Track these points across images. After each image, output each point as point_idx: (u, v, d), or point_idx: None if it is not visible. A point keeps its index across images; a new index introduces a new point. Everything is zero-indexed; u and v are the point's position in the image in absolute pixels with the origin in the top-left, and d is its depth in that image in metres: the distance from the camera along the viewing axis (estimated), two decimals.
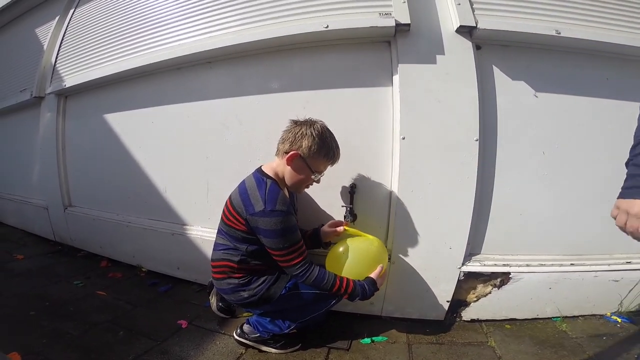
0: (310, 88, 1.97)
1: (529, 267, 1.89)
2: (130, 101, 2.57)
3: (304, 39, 1.90)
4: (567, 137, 1.86)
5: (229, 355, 1.69)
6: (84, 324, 1.90)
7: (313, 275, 1.51)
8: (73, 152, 3.04)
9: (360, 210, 1.89)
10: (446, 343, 1.80)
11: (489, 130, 1.83)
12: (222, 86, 2.17)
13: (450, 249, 1.85)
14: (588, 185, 1.88)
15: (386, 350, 1.74)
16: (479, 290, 1.94)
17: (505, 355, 1.67)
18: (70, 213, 3.09)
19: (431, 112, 1.77)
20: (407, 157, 1.80)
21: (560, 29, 1.67)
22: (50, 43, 3.17)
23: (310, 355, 1.71)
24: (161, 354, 1.66)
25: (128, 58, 2.49)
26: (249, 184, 1.56)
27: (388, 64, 1.85)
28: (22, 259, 2.95)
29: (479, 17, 1.71)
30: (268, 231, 1.46)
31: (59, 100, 3.03)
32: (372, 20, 1.76)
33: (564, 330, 1.87)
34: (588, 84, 1.80)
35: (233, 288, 1.62)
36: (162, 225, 2.51)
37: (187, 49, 2.14)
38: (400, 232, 1.87)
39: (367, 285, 1.58)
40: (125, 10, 2.60)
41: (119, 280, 2.55)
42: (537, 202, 1.91)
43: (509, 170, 1.88)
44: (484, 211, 1.91)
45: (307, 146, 1.51)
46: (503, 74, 1.82)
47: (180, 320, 1.95)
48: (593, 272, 1.88)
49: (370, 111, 1.88)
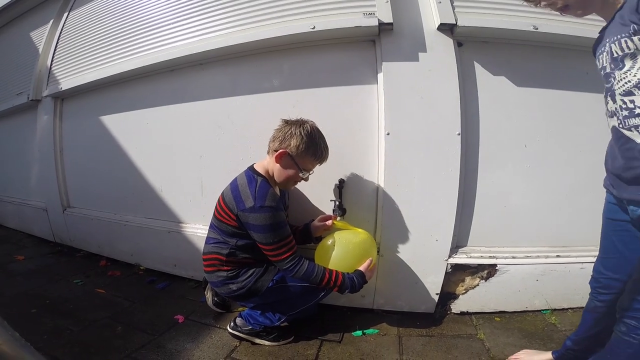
0: (299, 87, 2.01)
1: (514, 258, 1.92)
2: (125, 103, 2.62)
3: (292, 40, 1.95)
4: (549, 131, 1.89)
5: (224, 348, 1.73)
6: (83, 321, 1.94)
7: (303, 268, 1.56)
8: (71, 154, 3.09)
9: (349, 205, 1.93)
10: (436, 335, 1.83)
11: (471, 125, 1.87)
12: (214, 87, 2.21)
13: (436, 241, 1.89)
14: (570, 177, 1.91)
15: (377, 342, 1.78)
16: (467, 282, 1.98)
17: (494, 347, 1.70)
18: (69, 214, 3.13)
19: (414, 108, 1.81)
20: (392, 152, 1.84)
21: (538, 25, 1.71)
22: (46, 46, 3.21)
23: (303, 347, 1.74)
24: (158, 348, 1.71)
25: (122, 61, 2.53)
26: (240, 181, 1.61)
27: (373, 62, 1.90)
28: (23, 259, 3.00)
29: (459, 15, 1.75)
30: (258, 226, 1.51)
31: (56, 102, 3.07)
32: (357, 20, 1.80)
33: (553, 322, 1.89)
34: (568, 78, 1.83)
35: (222, 281, 1.66)
36: (159, 224, 2.55)
37: (179, 52, 2.19)
38: (388, 226, 1.91)
39: (356, 277, 1.61)
40: (118, 13, 2.65)
41: (117, 278, 2.60)
42: (521, 194, 1.94)
43: (492, 163, 1.91)
44: (468, 203, 1.95)
45: (296, 145, 1.55)
46: (484, 70, 1.86)
47: (177, 315, 1.99)
48: (579, 264, 1.90)
49: (357, 108, 1.93)
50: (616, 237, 1.22)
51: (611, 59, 1.04)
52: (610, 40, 1.03)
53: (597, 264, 1.32)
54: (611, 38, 1.03)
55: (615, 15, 1.03)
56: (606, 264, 1.27)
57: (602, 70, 1.11)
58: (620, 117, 1.02)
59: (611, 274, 1.25)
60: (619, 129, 1.03)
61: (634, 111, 0.97)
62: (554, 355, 1.49)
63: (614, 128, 1.06)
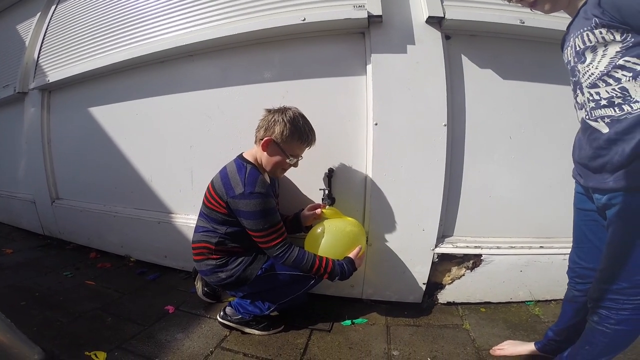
0: (289, 78, 2.02)
1: (499, 249, 1.96)
2: (114, 94, 2.60)
3: (283, 32, 1.95)
4: (534, 123, 1.92)
5: (214, 337, 1.75)
6: (73, 312, 1.95)
7: (293, 255, 1.57)
8: (59, 146, 3.06)
9: (338, 194, 1.96)
10: (423, 325, 1.86)
11: (458, 116, 1.90)
12: (204, 78, 2.21)
13: (423, 230, 1.92)
14: (554, 169, 1.94)
15: (366, 331, 1.81)
16: (454, 272, 2.02)
17: (479, 338, 1.74)
18: (57, 206, 3.11)
19: (402, 99, 1.83)
20: (379, 142, 1.86)
21: (524, 19, 1.73)
22: (32, 39, 3.17)
23: (293, 336, 1.77)
24: (148, 338, 1.72)
25: (110, 53, 2.51)
26: (230, 169, 1.62)
27: (362, 54, 1.91)
28: (11, 252, 2.98)
29: (447, 8, 1.77)
30: (248, 213, 1.52)
31: (43, 95, 3.04)
32: (346, 12, 1.81)
33: (537, 314, 1.93)
34: (553, 72, 1.85)
35: (211, 269, 1.68)
36: (149, 215, 2.55)
37: (168, 43, 2.18)
38: (376, 215, 1.94)
39: (345, 264, 1.63)
40: (107, 5, 2.62)
41: (108, 270, 2.60)
42: (506, 185, 1.97)
43: (478, 154, 1.94)
44: (454, 193, 1.98)
45: (280, 132, 1.56)
46: (471, 63, 1.89)
47: (167, 306, 2.01)
48: (562, 255, 1.93)
49: (346, 99, 1.94)
50: (585, 227, 1.26)
51: (575, 52, 1.08)
52: (574, 34, 1.07)
53: (572, 254, 1.36)
54: (575, 32, 1.07)
55: (579, 10, 1.06)
56: (579, 253, 1.32)
57: (567, 65, 1.15)
58: (587, 109, 1.06)
59: (585, 263, 1.29)
60: (586, 120, 1.07)
61: (600, 102, 1.01)
62: (536, 345, 1.54)
63: (582, 120, 1.11)
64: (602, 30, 0.96)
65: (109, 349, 1.62)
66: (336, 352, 1.65)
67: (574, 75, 1.10)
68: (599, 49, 0.99)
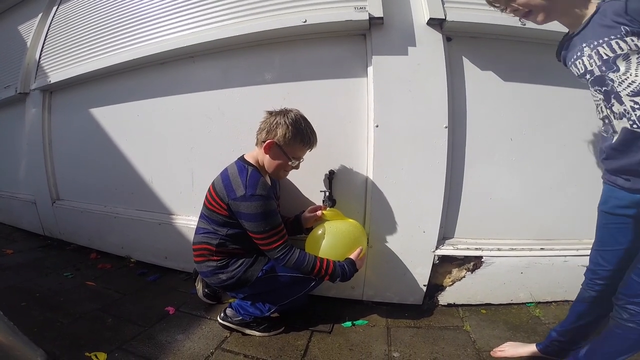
0: (290, 80, 2.02)
1: (500, 251, 1.96)
2: (115, 95, 2.60)
3: (284, 34, 1.95)
4: (535, 125, 1.92)
5: (214, 338, 1.74)
6: (73, 313, 1.94)
7: (294, 257, 1.57)
8: (60, 146, 3.06)
9: (339, 196, 1.95)
10: (423, 327, 1.86)
11: (459, 118, 1.90)
12: (205, 80, 2.21)
13: (424, 232, 1.92)
14: (555, 171, 1.95)
15: (366, 333, 1.81)
16: (454, 274, 2.01)
17: (479, 339, 1.73)
18: (58, 207, 3.11)
19: (403, 101, 1.83)
20: (380, 144, 1.87)
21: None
22: (34, 40, 3.18)
23: (293, 337, 1.76)
24: (148, 339, 1.72)
25: (112, 54, 2.52)
26: (231, 171, 1.62)
27: (363, 56, 1.91)
28: (12, 253, 2.98)
29: (448, 10, 1.77)
30: (249, 215, 1.52)
31: (44, 95, 3.04)
32: (348, 14, 1.81)
33: (537, 315, 1.93)
34: (554, 74, 1.84)
35: (212, 270, 1.68)
36: (149, 216, 2.55)
37: (169, 45, 2.19)
38: (377, 217, 1.94)
39: (346, 265, 1.63)
40: (108, 6, 2.62)
41: (108, 271, 2.59)
42: (506, 187, 1.97)
43: (479, 156, 1.94)
44: (455, 195, 1.98)
45: (282, 134, 1.56)
46: (472, 64, 1.89)
47: (168, 307, 2.00)
48: (562, 257, 1.93)
49: (347, 101, 1.94)
50: (616, 229, 1.23)
51: (602, 62, 1.05)
52: (590, 44, 1.06)
53: (595, 256, 1.32)
54: (592, 42, 1.05)
55: (590, 20, 1.06)
56: (604, 255, 1.28)
57: (586, 75, 1.13)
58: (633, 117, 1.03)
59: (609, 265, 1.26)
60: (634, 129, 1.04)
61: None
62: (538, 347, 1.53)
63: (625, 129, 1.06)
64: (634, 37, 0.96)
65: (110, 349, 1.62)
66: (337, 353, 1.65)
67: (604, 84, 1.08)
68: (632, 57, 0.98)
